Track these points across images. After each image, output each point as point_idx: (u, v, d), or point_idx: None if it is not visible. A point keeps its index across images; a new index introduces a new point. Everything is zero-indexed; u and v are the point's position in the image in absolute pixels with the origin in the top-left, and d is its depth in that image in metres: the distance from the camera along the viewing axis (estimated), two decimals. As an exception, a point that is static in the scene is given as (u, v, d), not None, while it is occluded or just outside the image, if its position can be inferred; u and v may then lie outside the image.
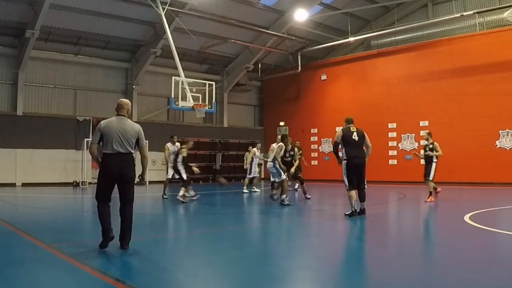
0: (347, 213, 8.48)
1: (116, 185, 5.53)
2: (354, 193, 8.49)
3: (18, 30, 18.05)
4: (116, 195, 5.61)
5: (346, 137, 8.50)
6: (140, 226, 8.07)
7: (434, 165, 11.37)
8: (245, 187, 14.98)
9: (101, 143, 5.49)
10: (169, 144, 12.90)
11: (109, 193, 5.53)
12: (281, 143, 11.40)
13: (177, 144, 12.95)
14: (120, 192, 5.55)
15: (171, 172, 12.78)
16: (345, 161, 8.47)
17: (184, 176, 12.08)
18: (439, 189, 11.58)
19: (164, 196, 12.88)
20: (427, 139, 11.74)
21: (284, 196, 10.80)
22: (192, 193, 12.29)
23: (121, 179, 5.48)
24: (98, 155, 5.57)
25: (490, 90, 18.13)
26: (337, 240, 7.04)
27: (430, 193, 11.31)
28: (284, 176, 11.04)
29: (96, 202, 5.55)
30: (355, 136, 8.56)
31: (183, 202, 11.57)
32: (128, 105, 5.72)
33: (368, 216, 8.55)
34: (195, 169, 12.65)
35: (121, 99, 5.79)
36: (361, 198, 8.64)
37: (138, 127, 5.65)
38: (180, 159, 12.23)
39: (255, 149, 15.66)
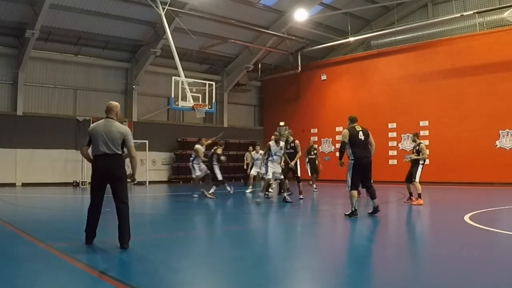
0: (347, 213, 8.42)
1: (109, 186, 5.69)
2: (355, 193, 8.39)
3: (18, 30, 18.05)
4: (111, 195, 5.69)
5: (352, 137, 8.36)
6: (140, 226, 8.07)
7: (420, 167, 10.83)
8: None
9: (91, 145, 5.73)
10: (199, 146, 13.39)
11: (100, 193, 5.69)
12: (270, 142, 11.43)
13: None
14: (112, 192, 5.67)
15: (199, 172, 13.27)
16: (353, 161, 8.33)
17: (220, 177, 12.92)
18: (414, 200, 10.95)
19: (194, 196, 13.12)
20: (414, 140, 11.24)
21: (280, 193, 10.95)
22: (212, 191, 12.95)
23: (110, 178, 5.62)
24: (89, 155, 5.81)
25: (490, 90, 18.13)
26: (337, 240, 7.03)
27: (419, 195, 10.79)
28: (269, 176, 11.23)
29: (90, 201, 5.76)
30: (361, 136, 8.44)
31: (212, 197, 12.46)
32: (117, 107, 5.86)
33: (367, 216, 8.54)
34: (223, 158, 13.55)
35: (110, 102, 5.94)
36: (372, 195, 8.49)
37: (124, 128, 5.76)
38: (215, 159, 13.13)
39: (253, 152, 15.84)
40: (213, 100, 17.32)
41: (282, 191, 11.77)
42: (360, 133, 8.47)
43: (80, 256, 5.16)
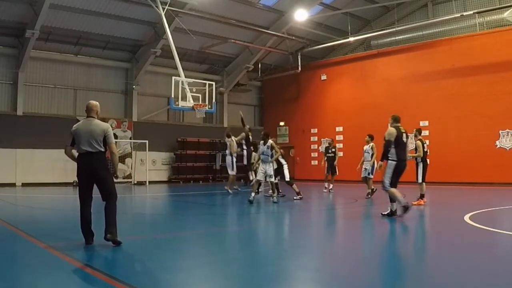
0: (398, 212, 8.10)
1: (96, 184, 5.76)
2: (396, 189, 8.12)
3: (18, 30, 18.05)
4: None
5: (398, 137, 8.11)
6: (140, 226, 8.08)
7: (419, 166, 10.67)
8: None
9: (74, 145, 5.81)
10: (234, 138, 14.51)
11: (87, 192, 5.72)
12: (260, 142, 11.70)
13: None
14: (99, 190, 5.72)
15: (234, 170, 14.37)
16: (395, 162, 8.04)
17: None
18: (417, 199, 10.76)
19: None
20: (415, 136, 10.95)
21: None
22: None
23: (94, 177, 5.67)
24: (73, 155, 5.88)
25: (490, 90, 18.14)
26: (337, 240, 7.03)
27: (422, 196, 10.70)
28: (258, 177, 11.44)
29: (79, 201, 5.78)
30: (404, 138, 8.23)
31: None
32: (96, 106, 5.94)
33: (368, 216, 8.54)
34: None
35: (89, 101, 6.02)
36: (393, 199, 8.28)
37: (105, 125, 5.82)
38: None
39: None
40: (213, 100, 17.32)
41: (272, 191, 11.75)
42: (404, 135, 8.27)
43: (80, 256, 5.16)
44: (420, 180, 10.75)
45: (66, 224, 8.10)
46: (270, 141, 11.42)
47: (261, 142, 11.43)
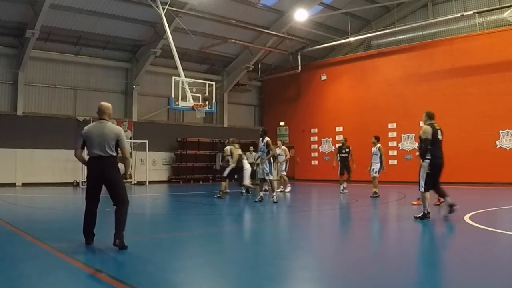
0: (418, 215, 8.01)
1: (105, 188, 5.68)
2: (428, 195, 8.01)
3: (18, 30, 18.06)
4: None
5: (433, 135, 7.99)
6: (140, 226, 8.07)
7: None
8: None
9: (85, 148, 5.65)
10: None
11: (95, 195, 5.64)
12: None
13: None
14: (110, 195, 5.66)
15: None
16: (429, 161, 7.88)
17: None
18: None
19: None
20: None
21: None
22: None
23: (105, 182, 5.57)
24: (83, 158, 5.75)
25: (490, 90, 18.13)
26: (337, 240, 7.03)
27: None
28: (259, 175, 11.72)
29: (85, 202, 5.73)
30: (439, 135, 8.09)
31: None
32: (109, 109, 5.76)
33: (368, 216, 8.53)
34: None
35: (101, 103, 5.81)
36: (443, 194, 8.12)
37: (118, 129, 5.71)
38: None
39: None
40: (213, 100, 17.31)
41: (272, 190, 11.77)
42: (439, 131, 8.13)
43: (80, 256, 5.16)
44: None
45: (66, 224, 8.10)
46: (267, 138, 11.33)
47: (260, 138, 11.41)
